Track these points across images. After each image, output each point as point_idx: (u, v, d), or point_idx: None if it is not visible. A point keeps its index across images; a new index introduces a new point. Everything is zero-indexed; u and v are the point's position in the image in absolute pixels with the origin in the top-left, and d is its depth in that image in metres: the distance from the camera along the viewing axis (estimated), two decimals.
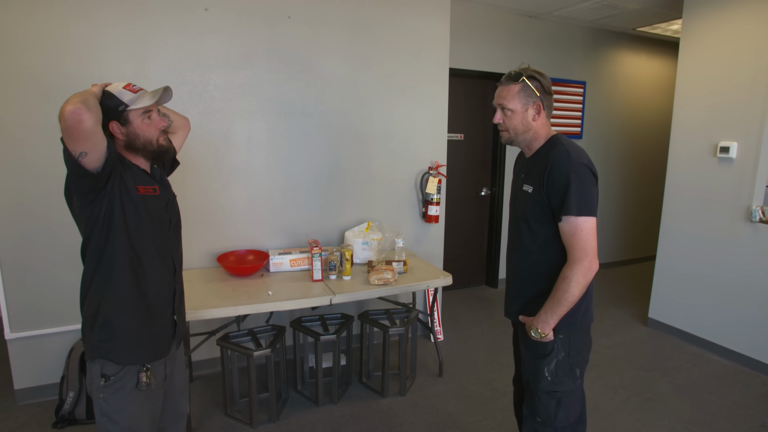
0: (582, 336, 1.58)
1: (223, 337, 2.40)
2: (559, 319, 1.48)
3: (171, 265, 1.53)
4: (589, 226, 1.42)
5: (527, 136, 1.57)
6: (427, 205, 3.30)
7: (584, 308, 1.55)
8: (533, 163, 1.58)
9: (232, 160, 2.77)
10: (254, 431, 2.34)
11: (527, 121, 1.54)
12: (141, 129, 1.39)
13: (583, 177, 1.43)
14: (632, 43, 4.85)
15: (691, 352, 3.29)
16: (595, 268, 1.43)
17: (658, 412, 2.56)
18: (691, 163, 3.34)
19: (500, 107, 1.56)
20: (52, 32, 2.30)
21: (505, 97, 1.53)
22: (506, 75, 1.55)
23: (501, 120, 1.57)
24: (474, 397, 2.68)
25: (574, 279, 1.42)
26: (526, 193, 1.57)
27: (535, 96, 1.52)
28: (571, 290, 1.43)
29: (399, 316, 2.78)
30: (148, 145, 1.42)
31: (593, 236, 1.43)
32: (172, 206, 1.57)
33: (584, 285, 1.43)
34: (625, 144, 5.09)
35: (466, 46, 3.92)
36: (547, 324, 1.49)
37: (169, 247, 1.53)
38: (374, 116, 3.11)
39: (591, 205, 1.43)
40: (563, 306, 1.45)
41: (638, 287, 4.62)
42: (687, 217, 3.39)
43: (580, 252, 1.42)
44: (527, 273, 1.61)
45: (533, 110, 1.53)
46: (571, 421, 1.60)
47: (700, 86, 3.26)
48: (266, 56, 2.76)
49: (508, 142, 1.62)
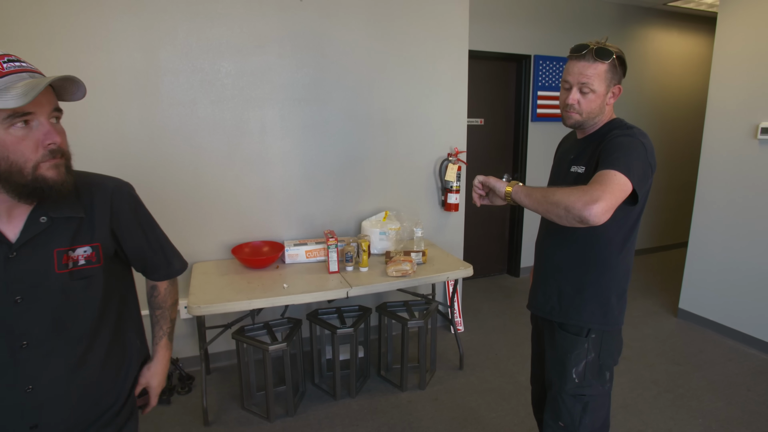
0: (614, 336, 1.46)
1: (239, 331, 2.36)
2: (524, 201, 1.29)
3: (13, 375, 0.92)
4: (623, 181, 1.19)
5: (596, 119, 1.40)
6: (446, 193, 3.19)
7: (620, 308, 1.44)
8: (587, 143, 1.43)
9: (246, 150, 2.71)
10: (271, 425, 2.31)
11: (604, 105, 1.38)
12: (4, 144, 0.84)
13: (638, 149, 1.27)
14: (663, 19, 4.59)
15: (727, 345, 3.12)
16: (595, 214, 1.13)
17: (692, 410, 2.43)
18: (728, 145, 3.14)
19: (581, 86, 1.35)
20: (60, 23, 2.25)
21: (590, 76, 1.33)
22: (588, 50, 1.32)
23: (577, 102, 1.37)
24: (496, 391, 2.59)
25: (575, 194, 1.17)
26: (574, 174, 1.42)
27: (618, 77, 1.37)
28: (557, 195, 1.20)
29: (418, 308, 2.70)
30: (16, 173, 0.85)
31: (620, 193, 1.18)
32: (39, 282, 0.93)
33: (573, 210, 1.16)
34: (655, 125, 4.85)
35: (485, 26, 3.76)
36: (518, 194, 1.31)
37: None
38: (391, 101, 3.00)
39: (636, 172, 1.22)
40: (536, 195, 1.26)
41: (667, 276, 4.43)
42: (723, 202, 3.19)
43: (599, 186, 1.18)
44: (560, 263, 1.49)
45: (612, 93, 1.38)
46: (596, 427, 1.49)
47: (739, 62, 3.04)
48: (278, 41, 2.67)
49: (575, 125, 1.42)
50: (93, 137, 2.40)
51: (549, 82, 4.11)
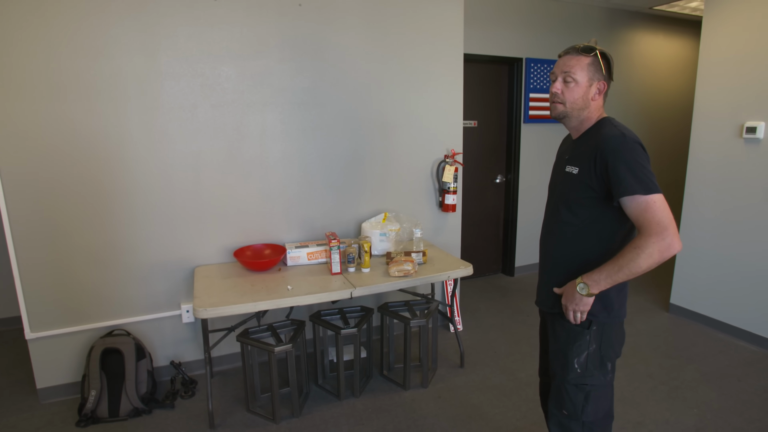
0: (615, 329, 1.52)
1: (243, 333, 2.37)
2: (611, 284, 1.38)
3: None
4: (660, 200, 1.30)
5: (582, 114, 1.48)
6: (443, 193, 3.24)
7: (620, 301, 1.49)
8: (580, 144, 1.50)
9: (246, 153, 2.73)
10: (277, 427, 2.32)
11: (587, 98, 1.46)
12: None
13: (639, 155, 1.34)
14: (649, 22, 4.71)
15: (717, 338, 3.22)
16: (676, 249, 1.28)
17: (687, 401, 2.50)
18: (715, 145, 3.24)
19: (564, 75, 1.45)
20: (61, 27, 2.25)
21: (573, 66, 1.44)
22: (574, 47, 1.46)
23: (560, 90, 1.47)
24: (497, 388, 2.64)
25: (647, 251, 1.28)
26: (569, 175, 1.49)
27: (601, 74, 1.45)
28: (639, 261, 1.29)
29: (419, 308, 2.74)
30: None
31: (669, 211, 1.30)
32: None
33: (657, 261, 1.29)
34: (643, 126, 4.97)
35: (478, 30, 3.83)
36: (597, 284, 1.38)
37: None
38: (389, 105, 3.04)
39: (655, 182, 1.32)
40: (622, 273, 1.34)
41: (657, 273, 4.53)
42: (711, 200, 3.30)
43: (658, 225, 1.28)
44: (561, 259, 1.54)
45: (596, 88, 1.45)
46: (599, 416, 1.55)
47: (724, 64, 3.15)
48: (278, 46, 2.69)
49: (559, 116, 1.51)
50: (94, 141, 2.39)
51: (540, 85, 4.19)
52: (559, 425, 1.60)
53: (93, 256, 2.49)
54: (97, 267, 2.51)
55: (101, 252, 2.50)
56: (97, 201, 2.45)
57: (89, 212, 2.44)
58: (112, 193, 2.47)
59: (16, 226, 2.32)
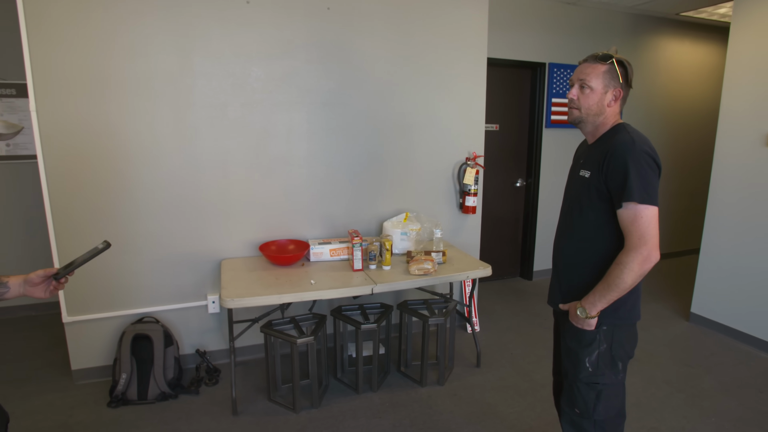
0: (625, 330, 1.54)
1: (267, 324, 2.45)
2: (608, 303, 1.45)
3: None
4: (650, 213, 1.38)
5: (597, 120, 1.54)
6: (464, 195, 3.28)
7: (630, 303, 1.52)
8: (594, 148, 1.55)
9: (272, 151, 2.81)
10: (297, 416, 2.40)
11: (602, 105, 1.51)
12: None
13: (645, 164, 1.39)
14: (675, 28, 4.67)
15: (738, 348, 3.18)
16: (654, 259, 1.39)
17: (704, 409, 2.49)
18: (740, 152, 3.21)
19: (580, 83, 1.52)
20: (98, 27, 2.37)
21: (589, 74, 1.50)
22: (593, 54, 1.53)
23: (576, 96, 1.53)
24: (513, 388, 2.67)
25: (628, 266, 1.39)
26: (582, 178, 1.55)
27: (617, 82, 1.50)
28: (623, 277, 1.39)
29: (437, 306, 2.78)
30: None
31: (654, 225, 1.38)
32: None
33: (639, 274, 1.39)
34: (665, 133, 4.92)
35: (501, 34, 3.86)
36: (594, 306, 1.47)
37: None
38: (412, 107, 3.10)
39: (653, 194, 1.39)
40: (613, 292, 1.42)
41: (678, 281, 4.49)
42: (734, 209, 3.26)
43: (639, 240, 1.38)
44: (574, 260, 1.59)
45: (612, 95, 1.50)
46: (611, 415, 1.58)
47: (751, 72, 3.12)
48: (305, 48, 2.78)
49: (575, 121, 1.58)
50: (128, 137, 2.51)
51: (563, 90, 4.20)
52: (571, 423, 1.63)
53: (126, 247, 2.61)
54: (129, 257, 2.62)
55: (133, 242, 2.61)
56: (130, 193, 2.57)
57: (123, 204, 2.56)
58: (145, 185, 2.58)
59: (57, 216, 2.45)
